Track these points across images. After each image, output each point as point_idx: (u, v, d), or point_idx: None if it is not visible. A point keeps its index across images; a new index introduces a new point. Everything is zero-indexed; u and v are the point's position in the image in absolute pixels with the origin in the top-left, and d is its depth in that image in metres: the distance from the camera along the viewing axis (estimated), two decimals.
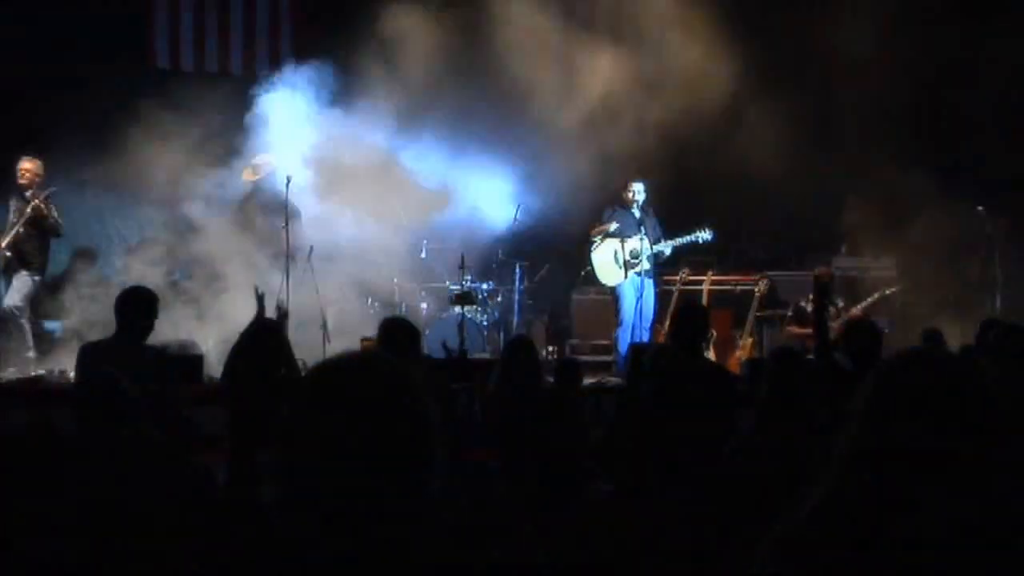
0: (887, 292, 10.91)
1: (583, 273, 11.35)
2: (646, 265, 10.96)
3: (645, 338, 10.72)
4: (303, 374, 6.11)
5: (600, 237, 11.04)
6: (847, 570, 1.92)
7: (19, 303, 10.67)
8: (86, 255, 12.81)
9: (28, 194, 10.81)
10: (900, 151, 12.19)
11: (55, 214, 10.89)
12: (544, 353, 11.16)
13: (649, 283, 11.04)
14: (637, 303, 10.82)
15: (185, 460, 4.78)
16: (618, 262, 10.94)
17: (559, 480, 5.81)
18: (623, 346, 10.86)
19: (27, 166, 10.90)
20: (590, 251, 11.15)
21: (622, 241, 10.90)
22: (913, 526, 1.92)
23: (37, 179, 10.89)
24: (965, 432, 1.98)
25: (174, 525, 3.93)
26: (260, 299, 6.85)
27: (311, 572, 1.83)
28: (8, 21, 12.32)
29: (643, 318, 10.81)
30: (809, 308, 10.81)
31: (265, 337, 6.18)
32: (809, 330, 10.59)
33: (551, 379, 7.45)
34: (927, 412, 1.99)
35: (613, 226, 10.97)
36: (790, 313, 11.12)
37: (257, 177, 11.51)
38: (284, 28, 14.00)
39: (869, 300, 10.68)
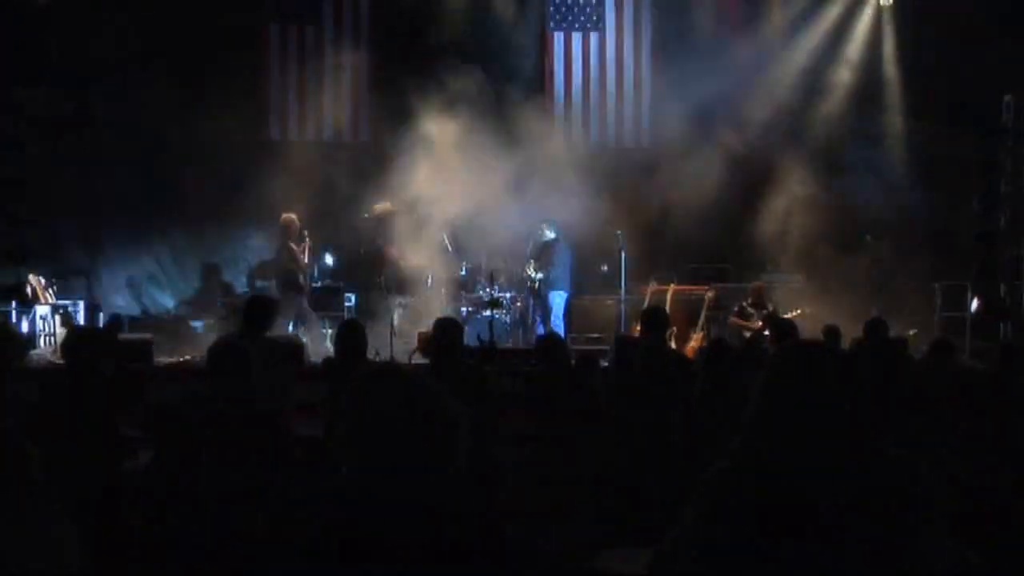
0: (806, 311, 10.83)
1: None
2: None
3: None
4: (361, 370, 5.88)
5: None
6: (750, 508, 1.91)
7: None
8: (215, 271, 12.84)
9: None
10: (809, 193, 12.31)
11: None
12: None
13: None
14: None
15: (286, 425, 4.81)
16: None
17: (578, 439, 5.74)
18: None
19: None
20: None
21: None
22: (796, 478, 1.90)
23: None
24: (833, 402, 1.96)
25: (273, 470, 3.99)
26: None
27: (371, 513, 1.86)
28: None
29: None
30: (750, 309, 10.85)
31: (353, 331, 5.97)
32: (747, 323, 10.70)
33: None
34: (804, 387, 1.98)
35: None
36: (736, 309, 11.10)
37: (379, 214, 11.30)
38: (362, 98, 13.11)
39: (793, 313, 10.60)
